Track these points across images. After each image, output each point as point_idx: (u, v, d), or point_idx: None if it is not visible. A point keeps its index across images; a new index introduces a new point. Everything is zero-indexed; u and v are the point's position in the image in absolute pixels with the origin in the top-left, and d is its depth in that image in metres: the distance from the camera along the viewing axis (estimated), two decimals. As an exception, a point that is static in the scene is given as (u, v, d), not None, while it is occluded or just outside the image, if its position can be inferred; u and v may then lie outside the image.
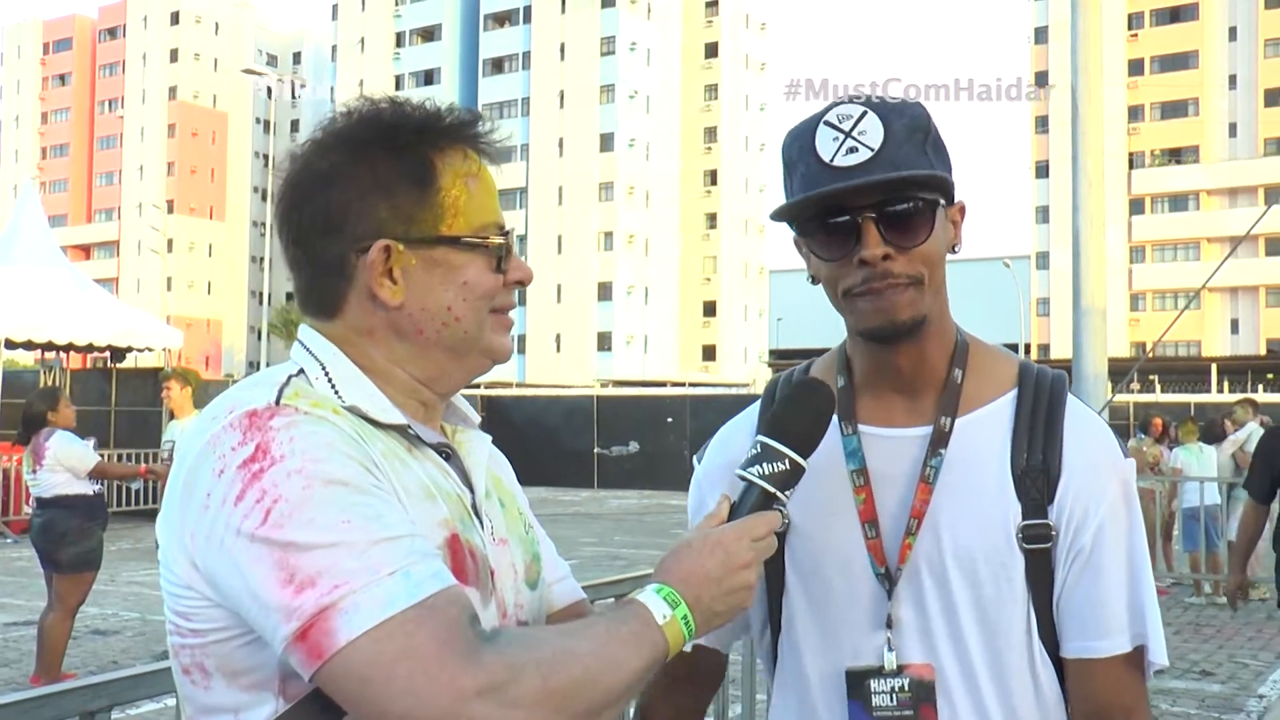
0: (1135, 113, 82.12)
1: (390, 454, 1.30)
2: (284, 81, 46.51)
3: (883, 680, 1.55)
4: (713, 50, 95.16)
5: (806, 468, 1.44)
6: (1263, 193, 76.10)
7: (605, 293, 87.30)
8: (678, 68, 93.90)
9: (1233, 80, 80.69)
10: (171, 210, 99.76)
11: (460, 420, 1.49)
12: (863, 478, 1.59)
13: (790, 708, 1.66)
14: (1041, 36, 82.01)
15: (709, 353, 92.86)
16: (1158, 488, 12.92)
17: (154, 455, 16.49)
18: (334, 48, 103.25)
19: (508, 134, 1.51)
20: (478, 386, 32.98)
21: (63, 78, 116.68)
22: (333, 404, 1.29)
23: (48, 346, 17.67)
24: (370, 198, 1.34)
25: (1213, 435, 13.43)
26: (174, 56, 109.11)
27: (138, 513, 18.28)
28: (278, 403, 1.26)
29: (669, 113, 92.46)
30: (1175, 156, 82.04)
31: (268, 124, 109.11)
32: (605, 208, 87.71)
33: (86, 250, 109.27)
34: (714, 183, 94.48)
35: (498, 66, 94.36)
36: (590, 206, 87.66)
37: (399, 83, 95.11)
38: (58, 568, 8.21)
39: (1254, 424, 13.38)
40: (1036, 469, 1.54)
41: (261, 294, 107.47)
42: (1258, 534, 6.32)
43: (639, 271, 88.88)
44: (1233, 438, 13.21)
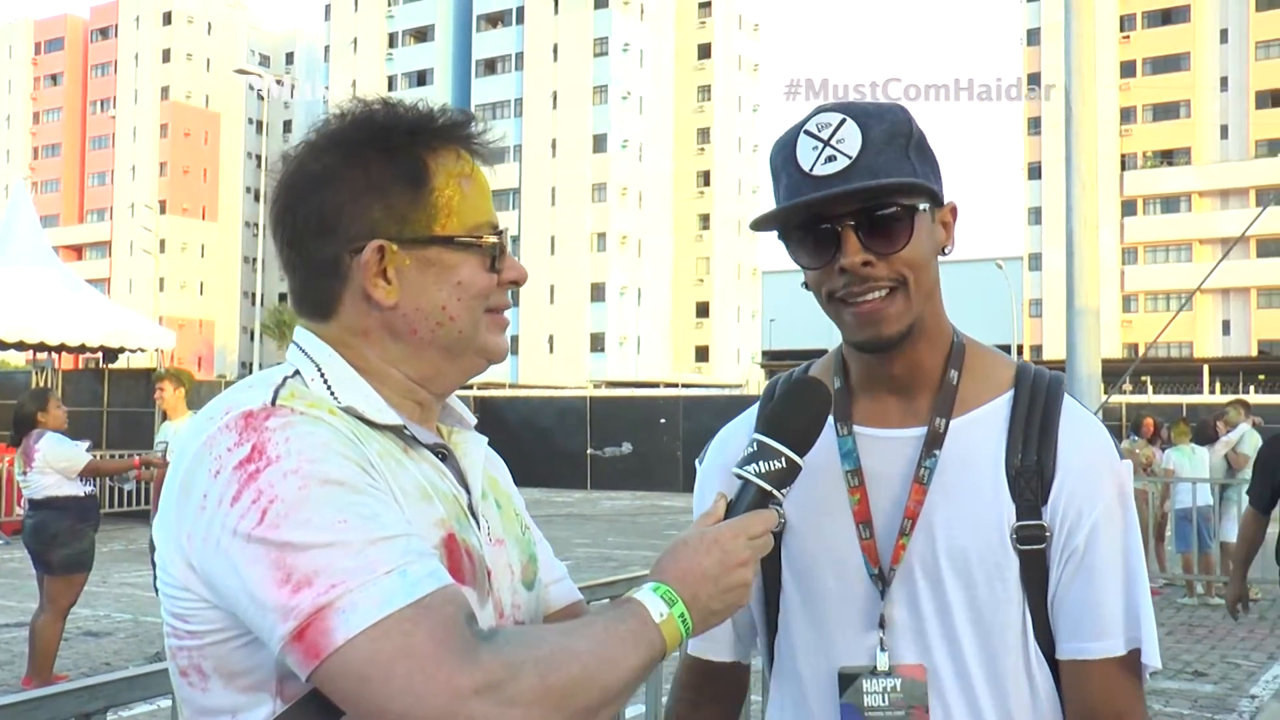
0: (1127, 114, 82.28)
1: (386, 454, 1.29)
2: (277, 82, 46.47)
3: (875, 681, 1.55)
4: (706, 51, 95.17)
5: (803, 466, 1.44)
6: (1254, 194, 76.32)
7: (598, 294, 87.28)
8: (671, 69, 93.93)
9: (1224, 82, 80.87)
10: (164, 211, 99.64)
11: (456, 421, 1.49)
12: (857, 478, 1.59)
13: (786, 708, 1.67)
14: (1034, 38, 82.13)
15: (702, 354, 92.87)
16: (1150, 489, 12.94)
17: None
18: (327, 48, 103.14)
19: (500, 135, 1.51)
20: (471, 387, 32.97)
21: (54, 78, 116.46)
22: (328, 405, 1.29)
23: (39, 347, 17.58)
24: (364, 199, 1.34)
25: (1204, 437, 13.44)
26: (166, 56, 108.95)
27: (130, 514, 18.23)
28: (273, 403, 1.26)
29: (662, 114, 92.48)
30: (1167, 158, 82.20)
31: (260, 124, 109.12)
32: (598, 208, 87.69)
33: (78, 251, 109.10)
34: (707, 184, 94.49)
35: (490, 67, 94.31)
36: (583, 207, 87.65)
37: (392, 83, 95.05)
38: (49, 569, 8.20)
39: (1246, 425, 13.41)
40: (1031, 470, 1.53)
41: (254, 294, 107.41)
42: (1258, 544, 6.22)
43: (632, 272, 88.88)
44: (1225, 439, 13.22)
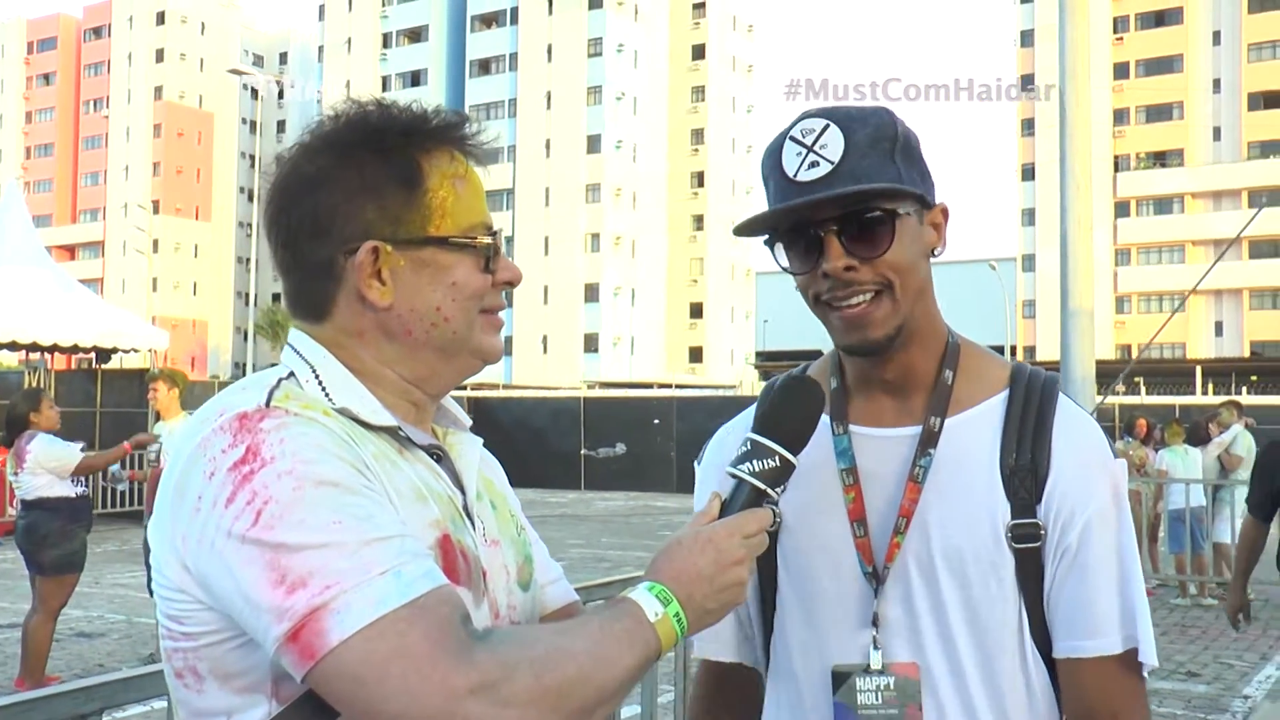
0: (1120, 116, 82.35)
1: (381, 455, 1.29)
2: (270, 82, 46.37)
3: (868, 679, 1.55)
4: (700, 52, 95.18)
5: (797, 464, 1.44)
6: (1246, 196, 76.45)
7: (592, 294, 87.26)
8: (665, 69, 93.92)
9: (1217, 84, 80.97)
10: (157, 211, 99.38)
11: (451, 423, 1.49)
12: (852, 477, 1.59)
13: (782, 708, 1.67)
14: (1028, 40, 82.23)
15: (695, 354, 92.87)
16: (1143, 489, 12.97)
17: (140, 456, 16.41)
18: (320, 48, 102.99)
19: (494, 135, 1.50)
20: (465, 388, 32.94)
21: (47, 77, 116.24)
22: (323, 406, 1.29)
23: (32, 347, 17.56)
24: (358, 200, 1.34)
25: (1196, 438, 13.46)
26: (160, 56, 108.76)
27: (123, 514, 18.18)
28: (268, 405, 1.25)
29: (656, 114, 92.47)
30: (1160, 160, 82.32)
31: (254, 124, 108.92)
32: (592, 209, 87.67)
33: (71, 251, 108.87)
34: (701, 184, 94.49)
35: (484, 68, 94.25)
36: (577, 208, 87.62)
37: (385, 83, 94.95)
38: (40, 570, 8.20)
39: (1239, 426, 13.44)
40: (1025, 468, 1.54)
41: (247, 295, 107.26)
42: (1258, 553, 5.98)
43: (626, 273, 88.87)
44: (1217, 440, 13.25)
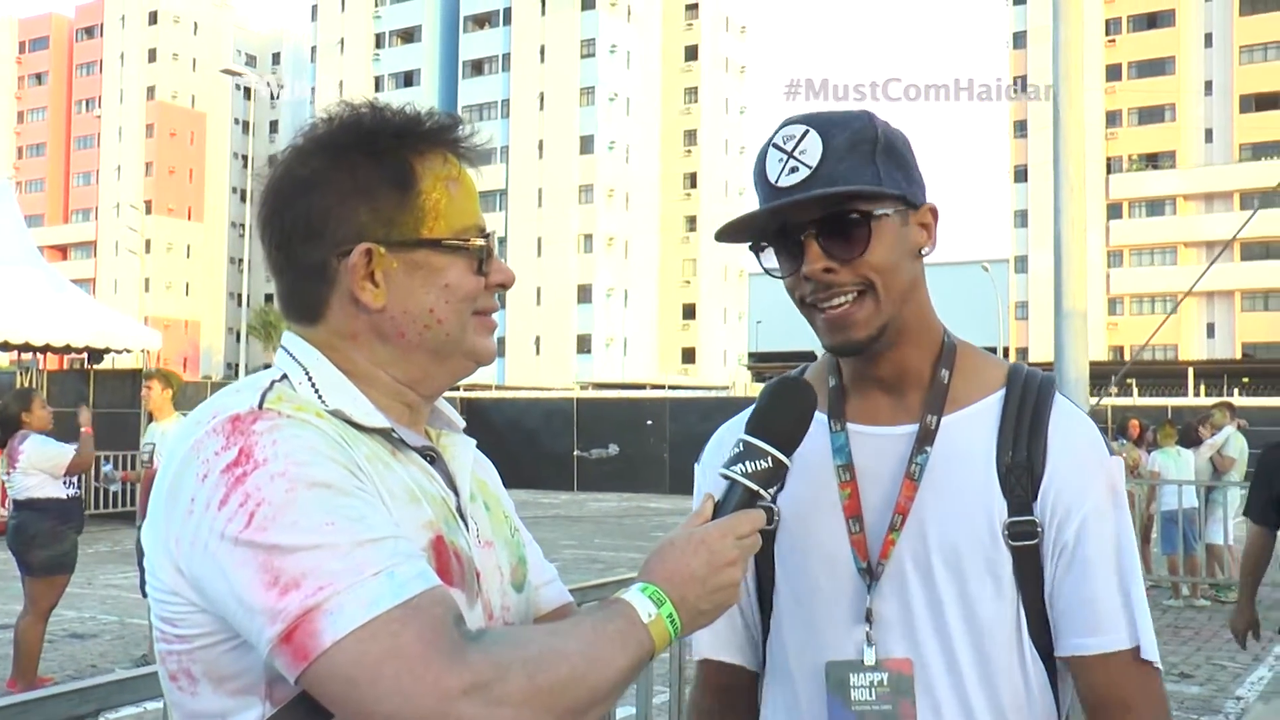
0: (1113, 118, 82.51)
1: (374, 457, 1.29)
2: (263, 82, 46.35)
3: (862, 675, 1.56)
4: (693, 53, 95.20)
5: (789, 465, 1.45)
6: (1238, 198, 76.61)
7: (585, 295, 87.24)
8: (658, 70, 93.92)
9: (1209, 86, 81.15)
10: (149, 211, 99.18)
11: (445, 424, 1.49)
12: (848, 473, 1.60)
13: (779, 706, 1.67)
14: (1020, 41, 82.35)
15: (688, 355, 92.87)
16: (1136, 491, 12.99)
17: (133, 457, 16.38)
18: (313, 48, 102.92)
19: (487, 136, 1.51)
20: (458, 389, 32.91)
21: (39, 77, 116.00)
22: (316, 408, 1.29)
23: (24, 347, 17.51)
24: (351, 202, 1.34)
25: (1188, 440, 13.49)
26: (152, 56, 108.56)
27: (116, 515, 18.16)
28: (261, 407, 1.25)
29: (649, 115, 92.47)
30: (1152, 161, 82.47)
31: (246, 124, 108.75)
32: (585, 210, 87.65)
33: (63, 251, 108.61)
34: (694, 185, 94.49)
35: (477, 68, 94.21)
36: (570, 209, 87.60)
37: (378, 84, 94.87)
38: (29, 570, 8.19)
39: (1231, 427, 13.48)
40: (1021, 466, 1.55)
41: (240, 295, 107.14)
42: (1264, 563, 5.53)
43: (618, 274, 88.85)
44: (1210, 441, 13.29)
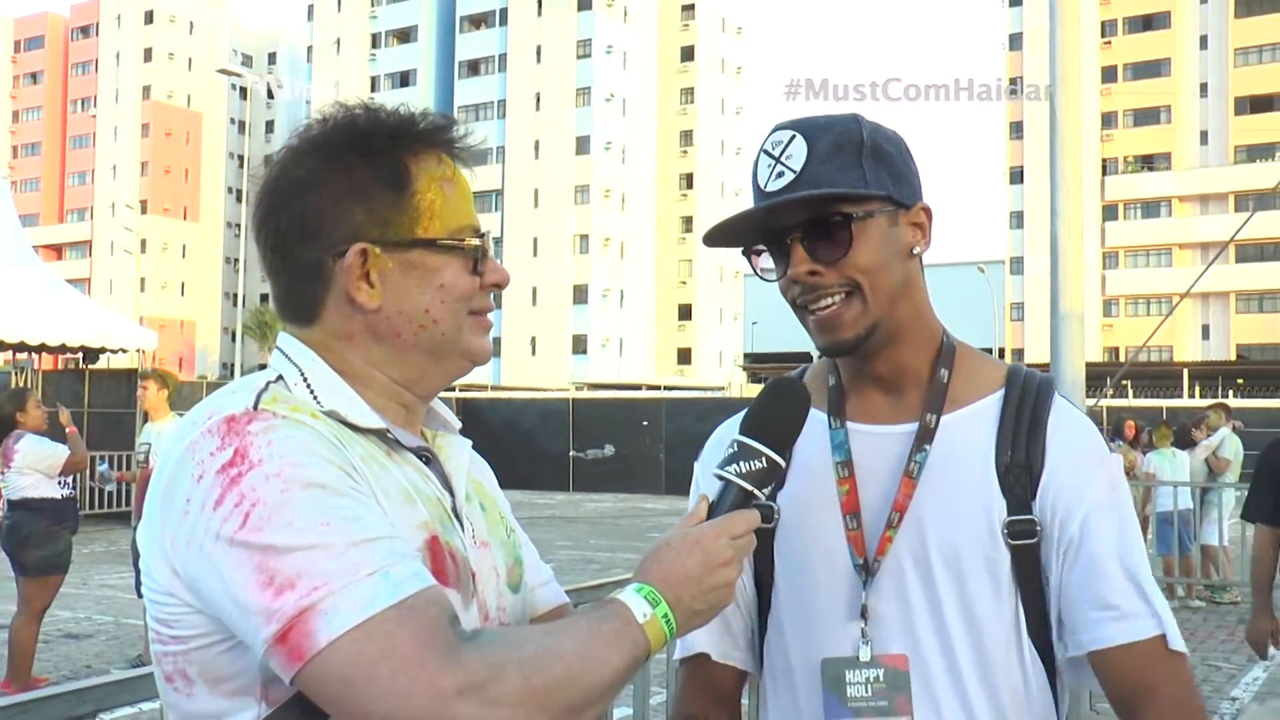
0: (1109, 119, 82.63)
1: (369, 458, 1.29)
2: (259, 82, 46.30)
3: (857, 671, 1.56)
4: (689, 54, 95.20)
5: (783, 465, 1.45)
6: (1233, 199, 76.71)
7: (581, 295, 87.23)
8: (654, 71, 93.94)
9: (1204, 88, 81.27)
10: (145, 211, 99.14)
11: (440, 425, 1.49)
12: (847, 470, 1.61)
13: (777, 704, 1.67)
14: (1016, 43, 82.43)
15: (684, 356, 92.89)
16: (1131, 492, 12.95)
17: (128, 457, 16.36)
18: (309, 48, 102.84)
19: (483, 137, 1.51)
20: (453, 389, 32.92)
21: (34, 76, 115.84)
22: (311, 409, 1.29)
23: (19, 347, 17.47)
24: (346, 202, 1.34)
25: (1182, 442, 13.50)
26: (148, 56, 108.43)
27: (110, 515, 18.12)
28: (256, 408, 1.25)
29: (645, 116, 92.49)
30: (1148, 163, 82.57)
31: (242, 124, 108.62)
32: (581, 210, 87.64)
33: (58, 250, 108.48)
34: (690, 186, 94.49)
35: (474, 68, 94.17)
36: (566, 209, 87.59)
37: (374, 84, 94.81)
38: (23, 571, 8.17)
39: (1226, 429, 13.49)
40: (1020, 465, 1.55)
41: (235, 295, 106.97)
42: (1274, 566, 5.18)
43: (614, 274, 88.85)
44: (1205, 443, 13.29)
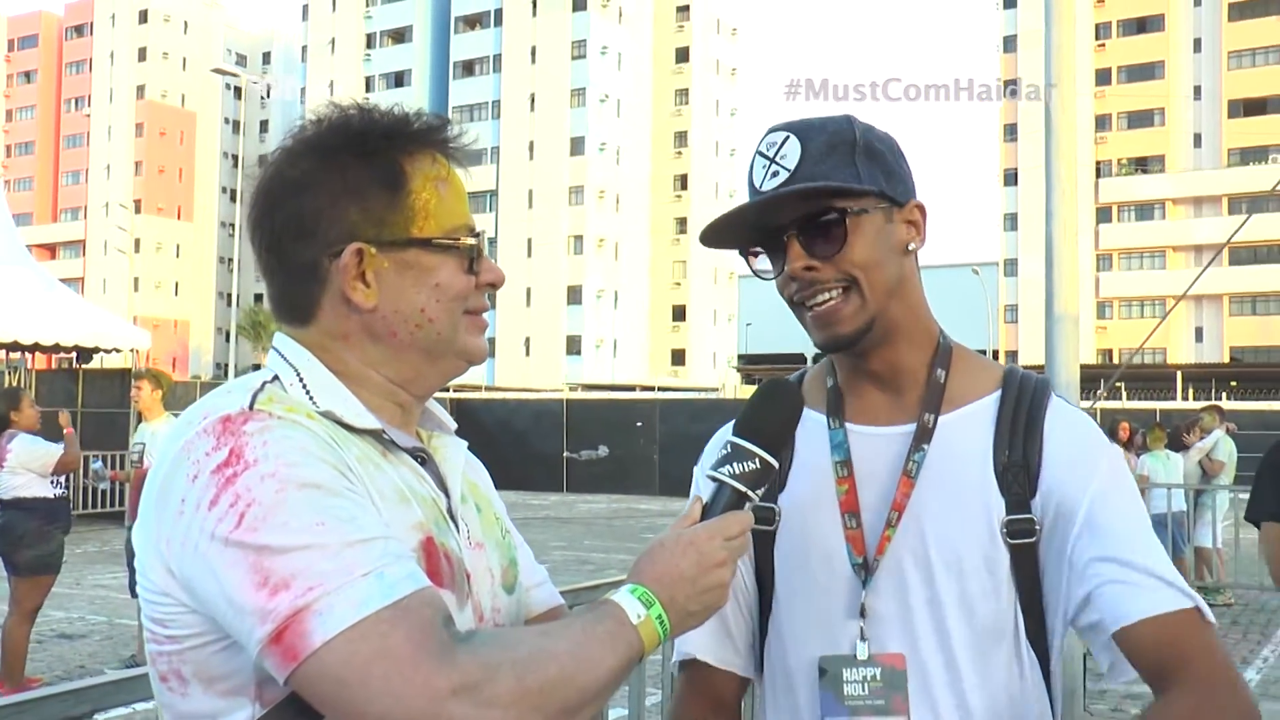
0: (1102, 122, 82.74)
1: (365, 458, 1.29)
2: (254, 82, 46.25)
3: (854, 670, 1.56)
4: (684, 55, 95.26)
5: (777, 467, 1.46)
6: (1226, 202, 76.86)
7: (575, 296, 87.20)
8: (649, 72, 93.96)
9: (1197, 91, 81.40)
10: (139, 210, 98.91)
11: (436, 426, 1.49)
12: (846, 469, 1.61)
13: (775, 706, 1.67)
14: (1011, 45, 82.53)
15: (678, 357, 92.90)
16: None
17: (121, 457, 16.33)
18: (304, 48, 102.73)
19: (477, 137, 1.51)
20: (447, 389, 32.86)
21: (28, 75, 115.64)
22: (307, 409, 1.29)
23: (12, 346, 17.46)
24: (341, 202, 1.34)
25: (1175, 444, 13.51)
26: (142, 55, 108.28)
27: (104, 515, 18.11)
28: (251, 408, 1.26)
29: (639, 117, 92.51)
30: (1142, 165, 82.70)
31: (237, 124, 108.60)
32: (575, 211, 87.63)
33: (52, 250, 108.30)
34: (684, 187, 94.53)
35: (468, 69, 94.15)
36: (560, 210, 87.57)
37: (369, 84, 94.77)
38: (15, 570, 8.16)
39: (1220, 431, 13.50)
40: (1018, 464, 1.56)
41: (229, 295, 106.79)
42: None
43: (609, 275, 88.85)
44: (1199, 445, 13.31)
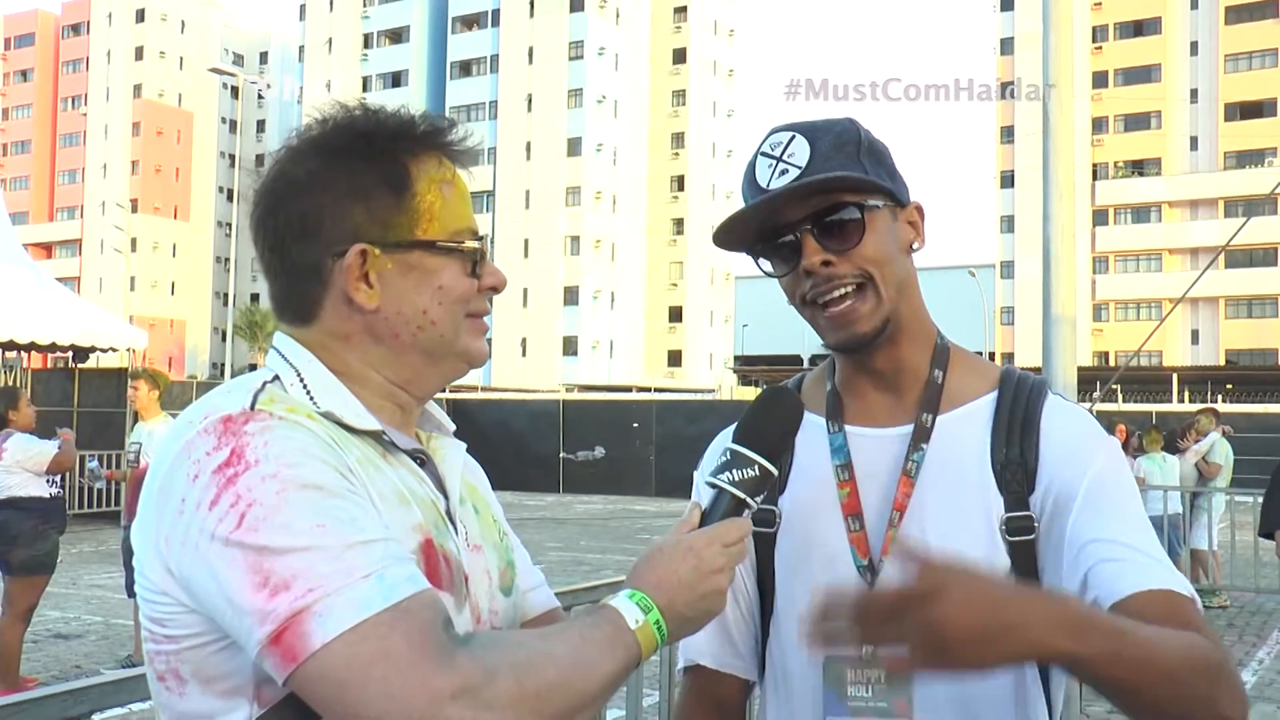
0: (1099, 124, 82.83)
1: (365, 460, 1.29)
2: (251, 81, 46.22)
3: (859, 671, 1.56)
4: (681, 56, 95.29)
5: (775, 474, 1.47)
6: (1222, 205, 76.96)
7: (571, 297, 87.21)
8: (646, 73, 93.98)
9: (1194, 94, 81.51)
10: (135, 209, 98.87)
11: (435, 427, 1.49)
12: (847, 472, 1.62)
13: (776, 708, 1.68)
14: (1008, 48, 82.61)
15: (675, 358, 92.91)
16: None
17: (117, 457, 16.31)
18: (301, 48, 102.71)
19: (481, 140, 1.50)
20: (443, 390, 32.82)
21: (24, 73, 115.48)
22: (307, 409, 1.29)
23: (9, 346, 17.42)
24: (346, 203, 1.34)
25: (1171, 447, 13.52)
26: (139, 54, 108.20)
27: (100, 515, 18.08)
28: (252, 408, 1.25)
29: (637, 118, 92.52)
30: (1138, 168, 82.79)
31: (233, 123, 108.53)
32: (572, 212, 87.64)
33: (48, 249, 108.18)
34: (681, 188, 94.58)
35: (465, 69, 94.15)
36: (557, 211, 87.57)
37: (366, 84, 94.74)
38: (9, 570, 8.14)
39: (1216, 434, 13.51)
40: (1015, 462, 1.56)
41: (226, 295, 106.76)
42: None
43: (605, 276, 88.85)
44: (1195, 448, 13.32)
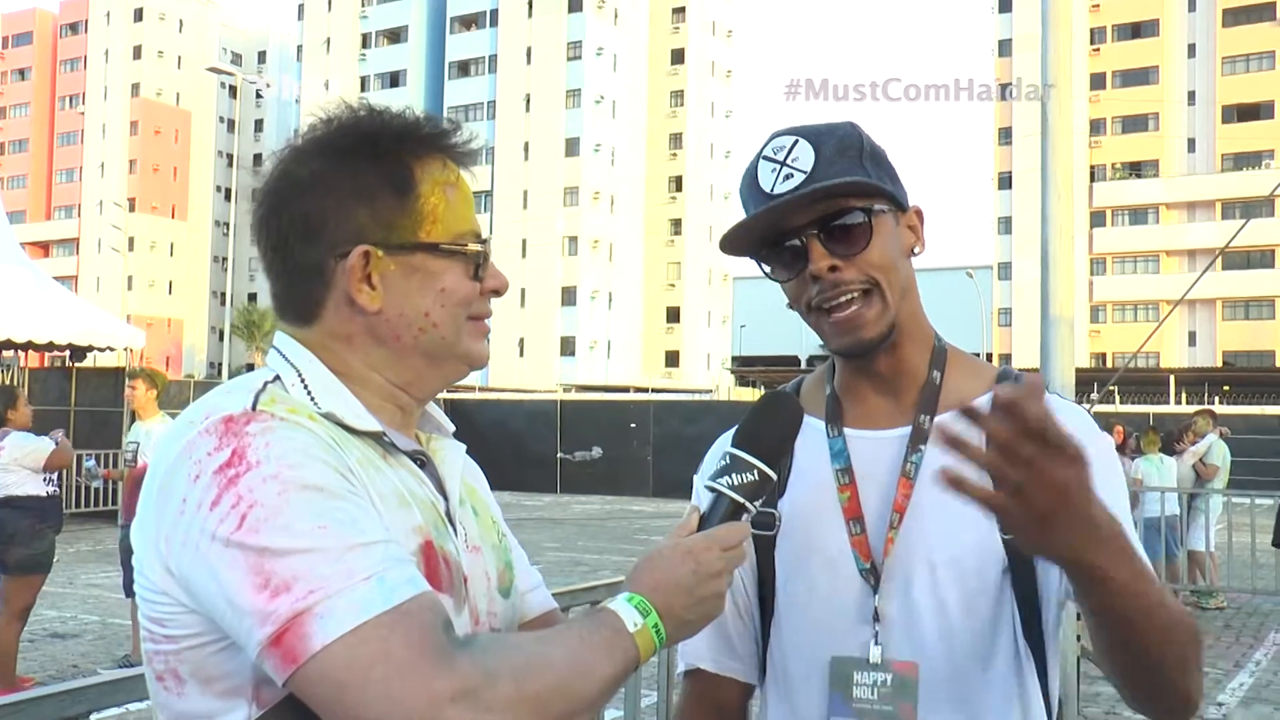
0: (1097, 126, 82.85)
1: (365, 461, 1.29)
2: (249, 81, 46.19)
3: (866, 673, 1.57)
4: (679, 57, 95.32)
5: (775, 478, 1.47)
6: (1220, 207, 77.00)
7: (569, 297, 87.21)
8: (644, 73, 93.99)
9: (1191, 96, 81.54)
10: (133, 208, 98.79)
11: (435, 428, 1.49)
12: (847, 476, 1.62)
13: (778, 709, 1.68)
14: (1006, 49, 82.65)
15: (672, 358, 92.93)
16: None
17: (115, 456, 16.30)
18: (299, 47, 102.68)
19: (485, 142, 1.50)
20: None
21: (22, 72, 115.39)
22: (308, 410, 1.29)
23: (6, 345, 17.40)
24: (350, 204, 1.34)
25: (1168, 448, 13.53)
26: (137, 53, 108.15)
27: (97, 514, 18.05)
28: (254, 408, 1.25)
29: (635, 118, 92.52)
30: (1135, 170, 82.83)
31: (231, 123, 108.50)
32: (570, 212, 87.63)
33: (45, 248, 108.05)
34: (679, 189, 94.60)
35: (464, 69, 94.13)
36: (555, 211, 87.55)
37: (364, 84, 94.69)
38: (5, 569, 8.12)
39: (1213, 435, 13.52)
40: None
41: (223, 294, 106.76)
42: None
43: (603, 276, 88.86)
44: (1193, 449, 13.33)
